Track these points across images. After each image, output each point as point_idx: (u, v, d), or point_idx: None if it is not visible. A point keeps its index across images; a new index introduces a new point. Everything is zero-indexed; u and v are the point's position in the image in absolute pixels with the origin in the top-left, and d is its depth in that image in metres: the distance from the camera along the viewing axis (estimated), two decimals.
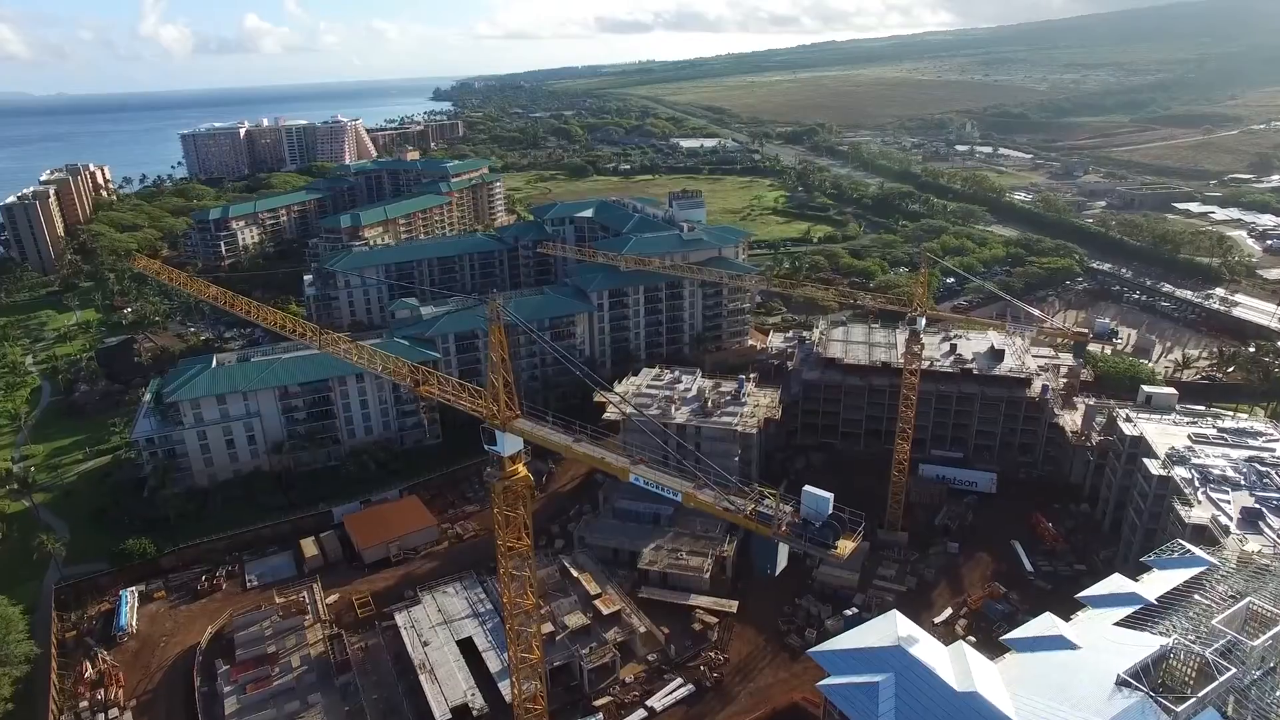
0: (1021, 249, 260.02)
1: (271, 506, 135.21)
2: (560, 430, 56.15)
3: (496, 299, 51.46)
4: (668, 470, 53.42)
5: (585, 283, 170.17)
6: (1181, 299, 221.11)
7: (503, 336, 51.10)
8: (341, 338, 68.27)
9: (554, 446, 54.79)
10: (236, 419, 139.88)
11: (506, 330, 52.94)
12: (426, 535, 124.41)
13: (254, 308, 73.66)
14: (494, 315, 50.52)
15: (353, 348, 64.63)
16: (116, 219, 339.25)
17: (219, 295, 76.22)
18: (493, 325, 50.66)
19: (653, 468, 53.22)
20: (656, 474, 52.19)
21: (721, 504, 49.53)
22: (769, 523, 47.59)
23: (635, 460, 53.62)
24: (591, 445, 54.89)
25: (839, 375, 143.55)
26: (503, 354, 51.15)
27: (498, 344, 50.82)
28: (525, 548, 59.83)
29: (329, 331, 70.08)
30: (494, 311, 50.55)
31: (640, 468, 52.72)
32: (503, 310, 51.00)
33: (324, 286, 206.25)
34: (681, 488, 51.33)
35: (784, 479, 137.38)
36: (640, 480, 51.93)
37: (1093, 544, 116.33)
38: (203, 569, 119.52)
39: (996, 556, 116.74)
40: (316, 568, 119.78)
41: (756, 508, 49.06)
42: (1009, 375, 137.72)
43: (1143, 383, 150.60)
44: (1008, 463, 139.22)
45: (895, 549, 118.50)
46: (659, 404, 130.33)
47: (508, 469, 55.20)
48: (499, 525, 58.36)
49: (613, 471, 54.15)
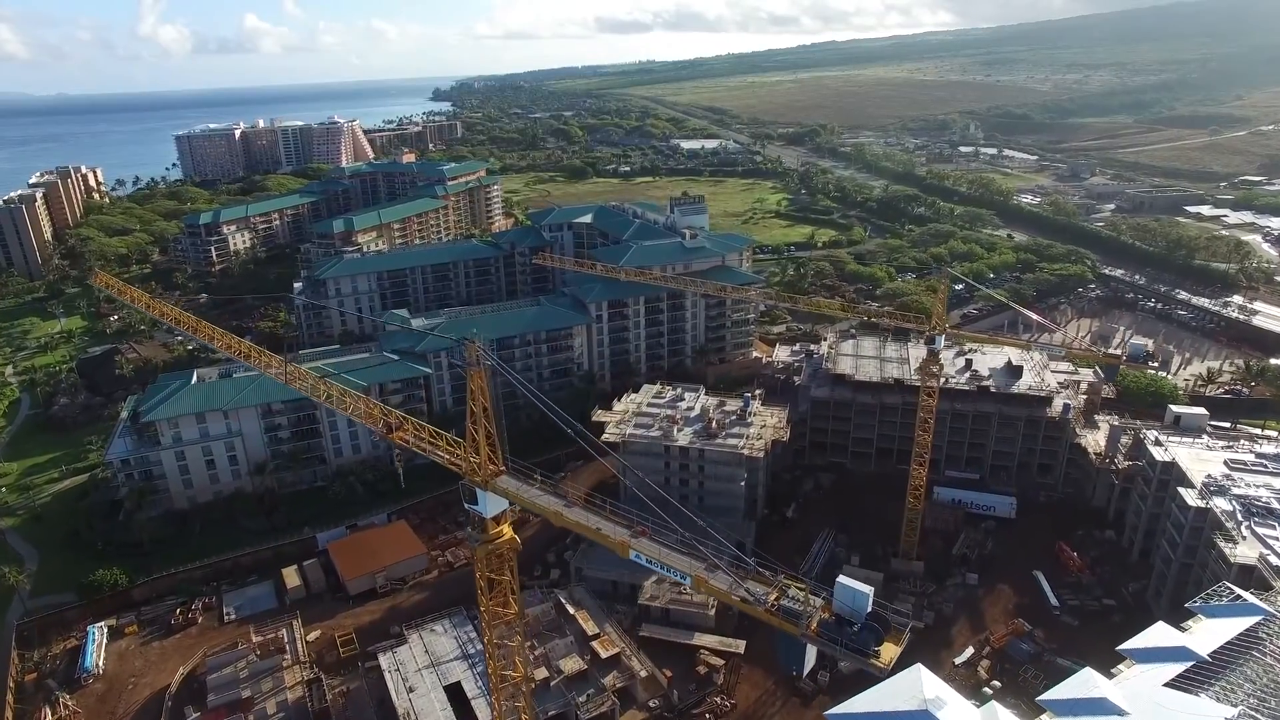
0: (1031, 254, 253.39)
1: (253, 531, 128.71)
2: (549, 491, 49.43)
3: (476, 341, 44.91)
4: (673, 546, 46.44)
5: (584, 293, 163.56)
6: (1198, 307, 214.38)
7: (484, 383, 44.59)
8: (308, 372, 61.70)
9: (542, 511, 48.21)
10: (217, 438, 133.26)
11: (500, 340, 46.27)
12: (415, 564, 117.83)
13: (218, 334, 67.16)
14: (473, 359, 44.03)
15: (320, 384, 58.06)
16: (106, 222, 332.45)
17: (181, 319, 69.66)
18: (472, 371, 44.14)
19: (656, 542, 46.39)
20: (660, 551, 45.55)
21: (738, 593, 42.77)
22: (796, 620, 40.80)
23: (636, 531, 46.96)
24: (585, 512, 48.29)
25: (849, 392, 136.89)
26: (484, 402, 44.63)
27: (478, 391, 44.28)
28: (512, 615, 53.18)
29: (297, 367, 63.43)
30: (473, 355, 44.04)
31: (642, 543, 46.04)
32: (483, 352, 44.51)
33: (314, 294, 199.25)
34: (690, 570, 44.62)
35: (792, 502, 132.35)
36: (641, 558, 45.26)
37: (1120, 576, 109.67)
38: (178, 600, 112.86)
39: (1018, 589, 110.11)
40: (298, 599, 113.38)
41: (780, 599, 42.23)
42: (1028, 393, 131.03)
43: (1166, 399, 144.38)
44: (1026, 484, 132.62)
45: (911, 580, 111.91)
46: (660, 425, 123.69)
47: (490, 531, 48.58)
48: (482, 590, 51.72)
49: (609, 546, 47.46)
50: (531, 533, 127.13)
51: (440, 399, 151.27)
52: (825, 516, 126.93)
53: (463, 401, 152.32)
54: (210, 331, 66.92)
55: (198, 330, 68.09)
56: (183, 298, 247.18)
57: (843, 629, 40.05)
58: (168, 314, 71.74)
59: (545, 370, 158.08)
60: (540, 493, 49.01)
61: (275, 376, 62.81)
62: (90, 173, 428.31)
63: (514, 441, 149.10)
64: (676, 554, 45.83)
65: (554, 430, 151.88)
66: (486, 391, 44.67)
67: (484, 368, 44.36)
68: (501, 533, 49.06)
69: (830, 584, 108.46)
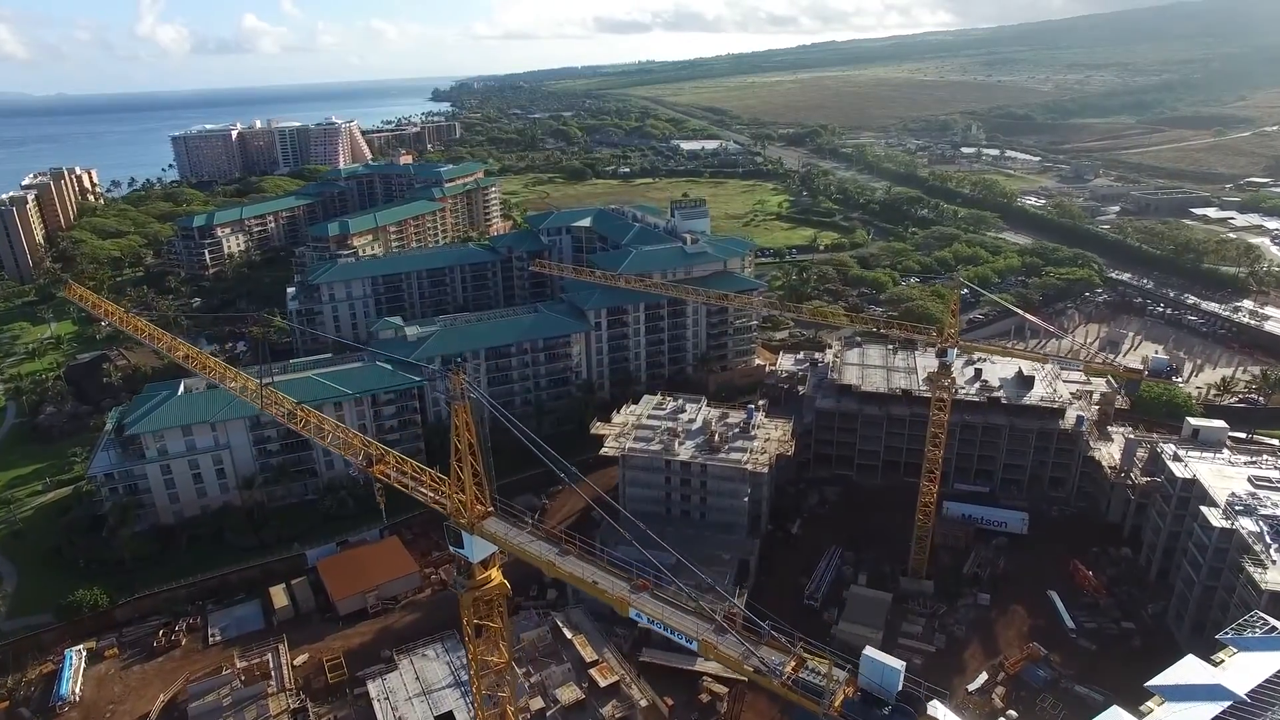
0: (1037, 258, 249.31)
1: (241, 547, 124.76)
2: (542, 537, 45.40)
3: (459, 372, 40.99)
4: (679, 607, 42.35)
5: (582, 299, 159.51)
6: (1209, 312, 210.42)
7: (468, 418, 40.68)
8: (285, 398, 57.80)
9: (533, 560, 44.19)
10: (204, 451, 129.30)
11: (497, 349, 42.32)
12: (408, 582, 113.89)
13: (193, 354, 63.31)
14: (457, 392, 40.13)
15: (298, 411, 54.12)
16: (100, 225, 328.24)
17: (155, 335, 65.74)
18: (456, 405, 40.24)
19: (660, 598, 42.32)
20: (663, 610, 41.46)
21: (750, 662, 38.76)
22: (817, 696, 36.69)
23: (636, 585, 42.91)
24: (580, 562, 44.16)
25: (855, 403, 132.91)
26: (470, 438, 40.71)
27: (463, 426, 40.37)
28: (503, 664, 49.19)
29: (274, 392, 59.53)
30: (457, 387, 40.15)
31: (643, 600, 41.96)
32: (468, 386, 40.59)
33: (307, 300, 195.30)
34: (697, 634, 40.59)
35: (796, 517, 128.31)
36: (642, 618, 41.24)
37: (1139, 596, 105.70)
38: (161, 621, 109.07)
39: (1032, 610, 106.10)
40: (287, 619, 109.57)
41: (799, 671, 38.19)
42: (1040, 405, 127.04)
43: (1180, 409, 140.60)
44: (1037, 498, 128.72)
45: (921, 600, 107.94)
46: (660, 438, 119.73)
47: (478, 576, 44.60)
48: (468, 637, 47.71)
49: (606, 601, 43.45)
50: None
51: (435, 408, 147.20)
52: (831, 532, 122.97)
53: None
54: (185, 350, 63.03)
55: (173, 349, 64.22)
56: (175, 302, 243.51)
57: (870, 710, 35.82)
58: (142, 330, 67.84)
59: (543, 380, 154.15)
60: (531, 539, 44.99)
61: (251, 401, 58.94)
62: (85, 174, 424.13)
63: (509, 455, 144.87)
64: (681, 614, 41.67)
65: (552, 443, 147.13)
66: (472, 426, 40.82)
67: (468, 401, 40.39)
68: (489, 578, 45.12)
69: (838, 604, 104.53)
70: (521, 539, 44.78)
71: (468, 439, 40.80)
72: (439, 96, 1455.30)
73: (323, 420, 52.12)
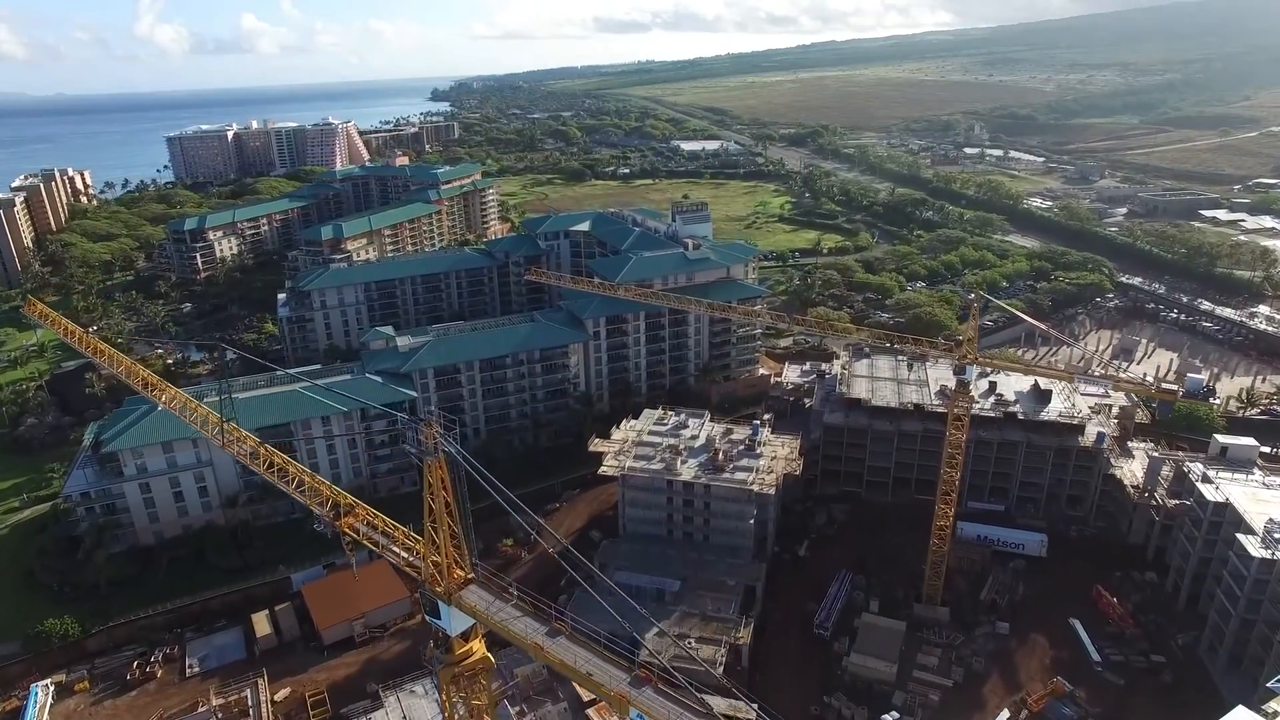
0: (1046, 262, 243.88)
1: (224, 569, 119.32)
2: (530, 612, 39.89)
3: (433, 421, 35.70)
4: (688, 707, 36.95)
5: (580, 308, 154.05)
6: (1223, 318, 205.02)
7: (444, 473, 35.39)
8: (248, 436, 52.58)
9: (518, 641, 38.68)
10: (185, 468, 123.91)
11: (492, 360, 36.87)
12: (397, 609, 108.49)
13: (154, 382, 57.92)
14: (431, 445, 34.84)
15: (261, 450, 48.85)
16: (91, 228, 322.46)
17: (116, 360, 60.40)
18: (429, 462, 34.93)
19: (664, 694, 36.92)
20: (670, 710, 35.99)
21: None
22: None
23: (638, 678, 37.51)
24: (573, 646, 38.71)
25: (865, 418, 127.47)
26: (446, 496, 35.39)
27: (437, 484, 35.03)
28: None
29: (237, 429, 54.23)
30: (430, 441, 34.87)
31: (645, 696, 36.54)
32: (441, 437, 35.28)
33: (298, 307, 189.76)
34: None
35: (804, 538, 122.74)
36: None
37: (1167, 626, 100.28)
38: (136, 651, 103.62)
39: (1054, 639, 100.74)
40: (269, 649, 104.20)
41: None
42: (1059, 420, 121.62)
43: (1202, 422, 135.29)
44: (1054, 517, 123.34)
45: (936, 629, 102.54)
46: (662, 456, 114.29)
47: (457, 651, 39.20)
48: (446, 710, 42.28)
49: (603, 696, 38.10)
50: (522, 572, 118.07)
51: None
52: (840, 554, 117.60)
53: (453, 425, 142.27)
54: (145, 376, 57.63)
55: (131, 374, 58.86)
56: (165, 307, 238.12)
57: None
58: (102, 352, 62.45)
59: (540, 391, 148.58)
60: (517, 613, 39.50)
61: (212, 438, 53.71)
62: (78, 175, 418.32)
63: (507, 469, 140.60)
64: (691, 716, 36.25)
65: (550, 457, 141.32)
66: (448, 483, 35.51)
67: (440, 457, 35.08)
68: (471, 651, 39.76)
69: (850, 634, 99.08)
70: (505, 614, 39.30)
71: (443, 497, 35.53)
72: (438, 96, 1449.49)
73: (288, 463, 46.87)
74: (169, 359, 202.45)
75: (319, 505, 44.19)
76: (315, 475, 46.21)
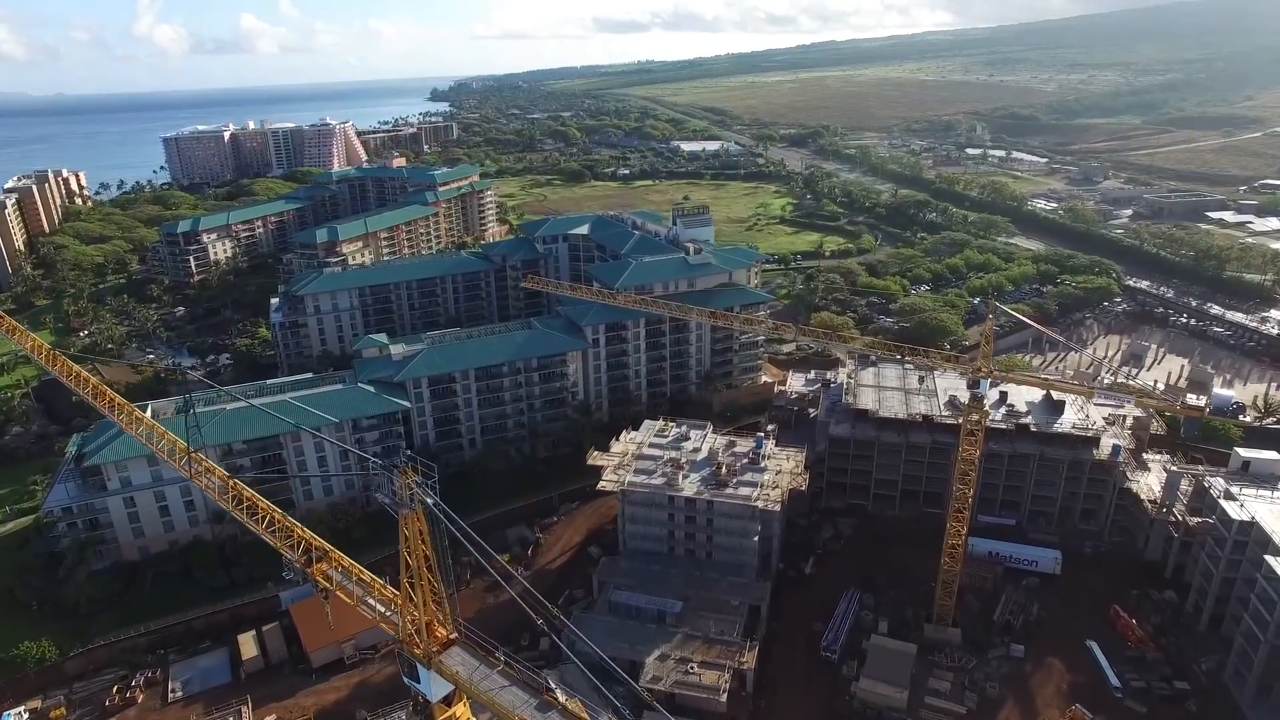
0: (1052, 265, 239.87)
1: (211, 587, 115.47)
2: (518, 680, 35.98)
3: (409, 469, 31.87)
4: None
5: (579, 314, 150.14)
6: (1235, 323, 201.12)
7: (423, 525, 31.60)
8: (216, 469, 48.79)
9: (503, 716, 34.74)
10: (171, 482, 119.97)
11: (488, 369, 32.96)
12: None
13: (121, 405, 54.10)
14: (405, 496, 31.04)
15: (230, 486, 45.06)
16: (84, 230, 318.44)
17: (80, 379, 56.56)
18: (404, 515, 31.11)
19: None
20: None
21: None
22: None
23: None
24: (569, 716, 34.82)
25: (872, 430, 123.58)
26: (424, 550, 31.59)
27: (414, 538, 31.24)
28: None
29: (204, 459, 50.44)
30: (405, 491, 31.07)
31: None
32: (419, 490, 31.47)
33: (291, 312, 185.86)
34: None
35: (810, 554, 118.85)
36: None
37: (1189, 649, 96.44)
38: (118, 674, 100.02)
39: (1070, 663, 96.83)
40: (255, 671, 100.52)
41: None
42: (1072, 433, 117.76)
43: (1220, 433, 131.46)
44: (1068, 532, 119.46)
45: (947, 652, 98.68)
46: (663, 470, 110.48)
47: (438, 717, 35.37)
48: None
49: None
50: (519, 591, 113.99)
51: (422, 433, 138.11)
52: (847, 570, 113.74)
53: (447, 435, 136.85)
54: (111, 398, 53.84)
55: (99, 395, 55.04)
56: (158, 311, 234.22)
57: None
58: (67, 371, 58.51)
59: (537, 401, 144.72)
60: (504, 681, 35.64)
61: (180, 469, 49.94)
62: (72, 176, 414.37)
63: (505, 481, 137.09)
64: None
65: (547, 468, 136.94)
66: (426, 535, 31.75)
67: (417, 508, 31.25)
68: (454, 717, 35.93)
69: (858, 656, 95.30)
70: (490, 683, 35.45)
71: (420, 551, 31.75)
72: (437, 96, 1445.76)
73: (257, 499, 43.11)
74: (160, 364, 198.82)
75: (289, 548, 40.42)
76: (287, 516, 42.43)
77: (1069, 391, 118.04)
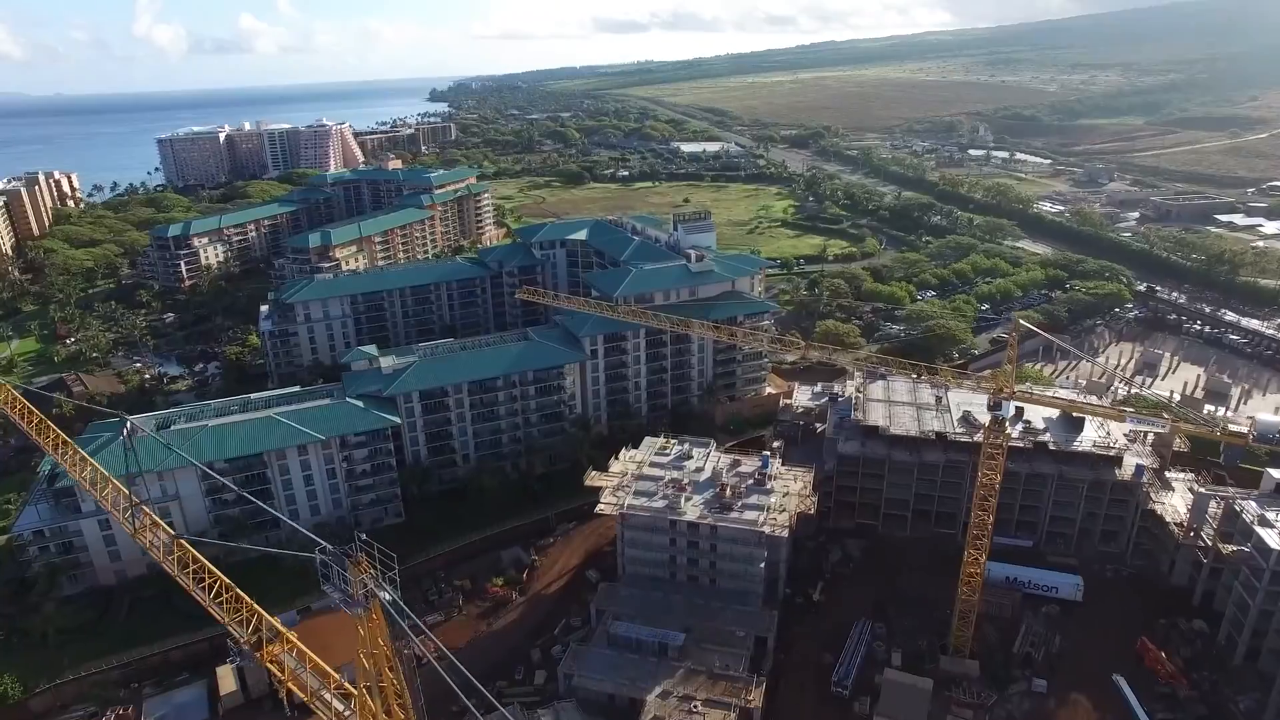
0: (1061, 270, 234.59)
1: (190, 614, 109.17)
2: None
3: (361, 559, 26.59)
4: None
5: (577, 325, 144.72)
6: (1251, 330, 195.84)
7: (383, 624, 26.32)
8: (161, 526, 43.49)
9: None
10: (149, 503, 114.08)
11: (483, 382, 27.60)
12: None
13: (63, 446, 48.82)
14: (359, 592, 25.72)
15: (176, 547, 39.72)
16: (74, 233, 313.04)
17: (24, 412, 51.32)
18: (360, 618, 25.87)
19: None
20: None
21: None
22: None
23: None
24: None
25: (883, 448, 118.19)
26: (388, 652, 26.33)
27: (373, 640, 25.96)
28: None
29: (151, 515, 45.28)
30: (358, 588, 25.78)
31: None
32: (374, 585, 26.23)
33: (281, 320, 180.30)
34: None
35: (818, 580, 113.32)
36: None
37: (1223, 684, 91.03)
38: (87, 710, 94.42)
39: (1097, 700, 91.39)
40: (234, 707, 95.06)
41: None
42: (1093, 451, 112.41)
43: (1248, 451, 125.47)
44: (1088, 555, 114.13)
45: (965, 686, 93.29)
46: (664, 491, 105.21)
47: None
48: None
49: None
50: (514, 617, 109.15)
51: (413, 449, 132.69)
52: (857, 596, 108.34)
53: (440, 451, 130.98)
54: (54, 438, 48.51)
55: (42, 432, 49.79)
56: (147, 318, 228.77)
57: None
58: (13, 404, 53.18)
59: (533, 415, 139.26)
60: None
61: (123, 524, 44.74)
62: (65, 178, 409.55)
63: (500, 499, 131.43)
64: None
65: (544, 485, 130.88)
66: (387, 638, 26.48)
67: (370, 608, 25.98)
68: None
69: (870, 691, 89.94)
70: None
71: (384, 653, 26.45)
72: (436, 97, 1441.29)
73: (206, 567, 37.88)
74: (146, 373, 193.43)
75: (238, 625, 35.26)
76: (235, 588, 37.17)
77: (1099, 415, 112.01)
